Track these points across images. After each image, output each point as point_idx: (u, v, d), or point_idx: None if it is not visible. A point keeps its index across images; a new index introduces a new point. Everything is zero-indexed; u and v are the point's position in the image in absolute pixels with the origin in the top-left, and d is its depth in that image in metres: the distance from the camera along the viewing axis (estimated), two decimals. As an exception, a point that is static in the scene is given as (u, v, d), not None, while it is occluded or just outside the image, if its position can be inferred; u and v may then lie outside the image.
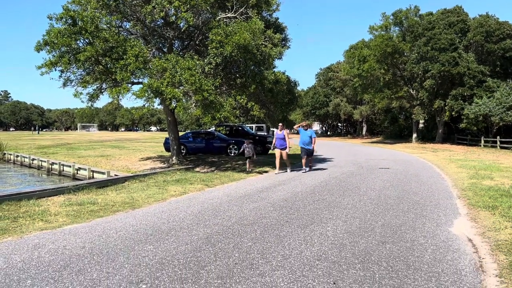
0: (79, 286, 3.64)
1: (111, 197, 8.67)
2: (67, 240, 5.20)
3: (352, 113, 65.63)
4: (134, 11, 13.98)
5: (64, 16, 11.77)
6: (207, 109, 12.58)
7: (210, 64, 13.11)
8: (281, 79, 14.87)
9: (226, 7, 14.35)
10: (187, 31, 14.97)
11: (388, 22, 40.85)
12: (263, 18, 15.22)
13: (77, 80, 13.68)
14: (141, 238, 5.29)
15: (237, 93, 14.07)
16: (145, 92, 12.07)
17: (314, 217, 6.59)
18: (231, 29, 12.66)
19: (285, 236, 5.39)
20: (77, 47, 12.14)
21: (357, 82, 42.31)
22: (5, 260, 4.40)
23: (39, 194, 8.43)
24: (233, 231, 5.63)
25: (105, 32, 12.25)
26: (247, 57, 12.96)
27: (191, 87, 11.99)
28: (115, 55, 12.15)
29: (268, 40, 14.53)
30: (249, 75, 13.73)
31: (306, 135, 13.96)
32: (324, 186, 10.37)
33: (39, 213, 6.95)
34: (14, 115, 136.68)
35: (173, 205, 7.82)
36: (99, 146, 32.44)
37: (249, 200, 8.21)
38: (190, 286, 3.64)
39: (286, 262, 4.31)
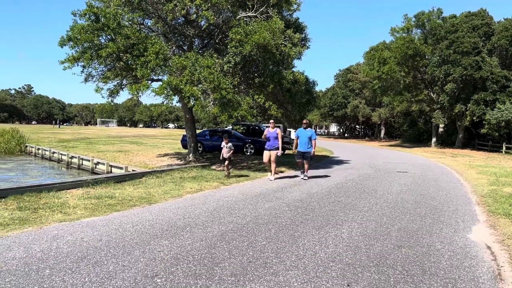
0: (96, 277, 3.70)
1: (128, 192, 8.79)
2: (84, 233, 5.29)
3: (370, 116, 64.98)
4: (156, 9, 14.12)
5: (88, 13, 11.97)
6: (224, 108, 12.62)
7: (229, 62, 13.16)
8: (300, 79, 14.81)
9: (246, 6, 14.37)
10: (207, 29, 15.05)
11: (410, 24, 40.29)
12: (283, 17, 15.19)
13: (98, 75, 13.90)
14: (157, 233, 5.35)
15: (255, 92, 14.08)
16: (164, 89, 12.19)
17: (330, 218, 6.55)
18: (251, 28, 12.68)
19: (300, 236, 5.38)
20: (99, 43, 12.33)
21: (376, 84, 41.86)
22: (25, 249, 4.50)
23: (59, 187, 8.61)
24: (247, 230, 5.65)
25: (127, 29, 12.41)
26: (266, 56, 12.96)
27: (210, 85, 12.05)
28: (136, 52, 12.30)
29: (288, 39, 14.49)
30: (267, 75, 13.72)
31: (305, 136, 11.99)
32: (340, 188, 10.30)
33: (59, 205, 7.10)
34: (37, 109, 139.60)
35: (188, 202, 7.89)
36: (118, 142, 32.91)
37: (264, 200, 8.21)
38: (204, 282, 3.67)
39: (300, 262, 4.30)
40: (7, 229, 5.42)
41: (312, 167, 16.57)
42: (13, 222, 5.79)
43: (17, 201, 7.21)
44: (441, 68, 34.86)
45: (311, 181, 11.52)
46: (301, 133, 12.06)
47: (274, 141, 11.71)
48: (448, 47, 34.37)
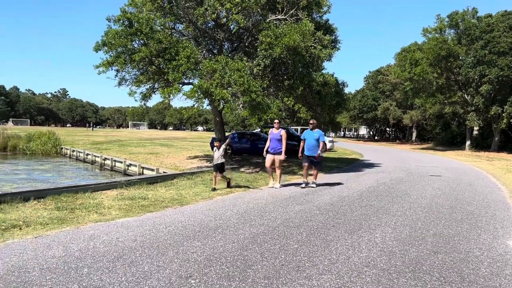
0: (132, 277, 3.78)
1: (160, 193, 8.95)
2: (119, 233, 5.42)
3: (401, 118, 63.62)
4: (187, 13, 14.34)
5: (122, 18, 12.30)
6: (254, 110, 12.67)
7: (258, 65, 13.21)
8: (330, 81, 14.69)
9: (276, 9, 14.39)
10: (237, 33, 15.15)
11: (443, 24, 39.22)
12: (313, 19, 15.11)
13: (131, 79, 14.25)
14: (189, 234, 5.41)
15: (285, 95, 14.07)
16: (195, 92, 12.35)
17: (362, 222, 6.45)
18: (281, 30, 12.68)
19: (332, 240, 5.32)
20: (132, 47, 12.64)
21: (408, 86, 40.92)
22: (64, 248, 4.65)
23: (94, 188, 8.86)
24: (278, 232, 5.63)
25: (159, 34, 12.67)
26: (295, 58, 12.92)
27: (240, 88, 12.13)
28: (168, 56, 12.53)
29: (318, 41, 14.41)
30: (297, 77, 13.67)
31: (312, 138, 10.58)
32: (372, 191, 10.13)
33: (94, 205, 7.31)
34: (71, 112, 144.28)
35: (219, 204, 7.95)
36: (149, 144, 33.55)
37: (294, 202, 8.17)
38: (237, 284, 3.68)
39: (333, 267, 4.25)
40: (47, 228, 5.62)
41: (341, 170, 16.40)
42: (52, 222, 6.00)
43: (55, 201, 7.47)
44: (476, 69, 33.73)
45: (342, 185, 11.39)
46: (307, 135, 10.72)
47: (277, 144, 10.40)
48: (484, 48, 33.23)
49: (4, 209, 6.74)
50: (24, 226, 5.69)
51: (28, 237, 5.14)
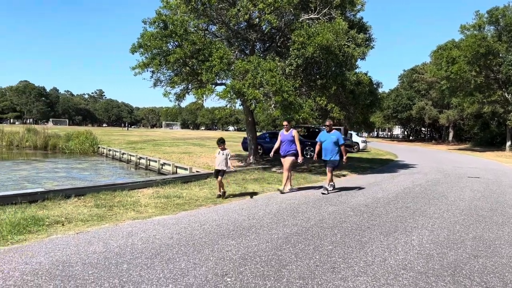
0: (169, 274, 3.87)
1: (194, 192, 9.10)
2: (156, 230, 5.55)
3: (437, 118, 61.79)
4: (220, 14, 14.50)
5: (157, 20, 12.58)
6: (286, 110, 12.65)
7: (291, 65, 13.18)
8: (363, 80, 14.47)
9: (309, 8, 14.31)
10: (269, 33, 15.17)
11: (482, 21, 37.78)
12: (346, 18, 14.94)
13: (166, 80, 14.55)
14: (223, 233, 5.48)
15: (317, 94, 13.97)
16: (228, 93, 12.47)
17: (398, 224, 6.33)
18: (314, 30, 12.60)
19: (367, 242, 5.25)
20: (167, 49, 12.90)
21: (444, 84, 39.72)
22: (104, 244, 4.82)
23: (131, 186, 9.12)
24: (312, 233, 5.61)
25: (193, 35, 12.87)
26: (329, 58, 12.81)
27: (272, 88, 12.14)
28: (201, 57, 12.71)
29: (351, 40, 14.23)
30: (330, 76, 13.55)
31: (330, 141, 9.50)
32: (408, 193, 9.91)
33: (131, 203, 7.51)
34: (107, 112, 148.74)
35: (252, 203, 7.99)
36: (182, 143, 34.11)
37: (328, 203, 8.11)
38: (273, 283, 3.70)
39: (369, 269, 4.20)
40: (87, 225, 5.83)
41: (375, 170, 16.12)
42: (92, 219, 6.22)
43: (94, 199, 7.74)
44: (518, 66, 32.33)
45: (376, 186, 11.20)
46: (324, 137, 9.65)
47: (289, 146, 9.47)
48: (526, 44, 31.81)
49: (47, 205, 7.04)
50: (66, 222, 5.93)
51: (70, 233, 5.36)
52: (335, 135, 9.59)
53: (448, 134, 65.95)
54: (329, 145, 9.52)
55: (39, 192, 7.51)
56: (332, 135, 9.58)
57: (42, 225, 5.63)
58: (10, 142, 36.82)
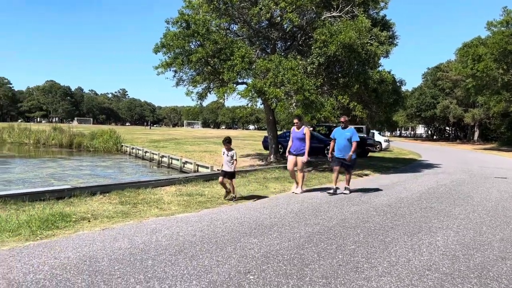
0: (193, 270, 3.92)
1: (216, 190, 9.16)
2: (180, 227, 5.62)
3: (462, 117, 60.40)
4: (241, 13, 14.55)
5: (179, 20, 12.73)
6: (307, 109, 12.61)
7: (312, 63, 13.12)
8: (387, 79, 14.27)
9: (331, 6, 14.21)
10: (291, 31, 15.14)
11: (510, 17, 36.69)
12: (369, 16, 14.76)
13: (188, 79, 14.71)
14: (245, 231, 5.51)
15: (339, 93, 13.86)
16: (249, 91, 12.51)
17: (422, 225, 6.23)
18: (336, 28, 12.51)
19: (391, 242, 5.18)
20: (189, 49, 13.03)
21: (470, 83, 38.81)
22: (129, 241, 4.91)
23: (154, 184, 9.26)
24: (334, 233, 5.58)
25: (215, 35, 12.96)
26: (351, 56, 12.70)
27: (293, 87, 12.12)
28: (223, 56, 12.79)
29: (374, 38, 14.05)
30: (352, 75, 13.42)
31: (343, 138, 9.15)
32: (432, 193, 9.73)
33: (155, 200, 7.63)
34: (130, 111, 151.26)
35: (273, 202, 8.00)
36: (203, 142, 34.40)
37: (350, 203, 8.04)
38: (295, 282, 3.70)
39: (392, 269, 4.15)
40: (112, 221, 5.96)
41: (398, 170, 15.88)
42: (117, 215, 6.34)
43: (119, 196, 7.89)
44: (548, 63, 31.30)
45: (399, 186, 11.04)
46: (338, 134, 9.30)
47: (300, 144, 9.07)
48: (557, 40, 30.75)
49: (74, 202, 7.22)
50: (92, 218, 6.07)
51: (96, 229, 5.48)
52: (349, 131, 9.17)
53: (474, 133, 64.38)
54: (342, 142, 9.15)
55: (66, 189, 7.71)
56: (347, 132, 9.17)
57: (69, 221, 5.78)
58: (37, 140, 37.86)
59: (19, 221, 5.53)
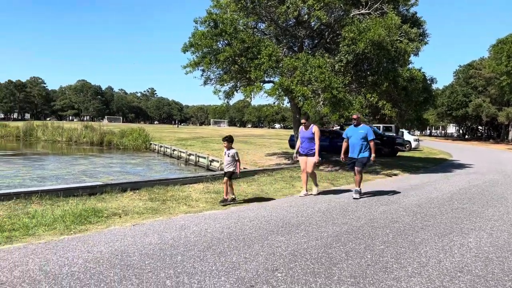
0: (222, 267, 3.97)
1: (243, 188, 9.22)
2: (208, 224, 5.70)
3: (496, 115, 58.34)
4: (269, 12, 14.54)
5: (208, 20, 12.86)
6: (335, 107, 12.50)
7: (340, 61, 12.98)
8: (417, 76, 13.96)
9: (360, 3, 14.02)
10: (318, 29, 15.03)
11: (548, 11, 35.24)
12: (399, 13, 14.47)
13: (215, 78, 14.84)
14: (272, 229, 5.53)
15: (368, 91, 13.66)
16: (276, 90, 12.51)
17: (453, 226, 6.08)
18: (365, 25, 12.33)
19: (421, 243, 5.09)
20: (217, 48, 13.14)
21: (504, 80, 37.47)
22: (158, 236, 5.02)
23: (182, 181, 9.41)
24: (363, 232, 5.52)
25: (242, 33, 13.01)
26: (380, 53, 12.48)
27: (321, 85, 12.03)
28: (250, 55, 12.83)
29: (404, 35, 13.77)
30: (381, 72, 13.19)
31: (357, 136, 8.46)
32: (464, 194, 9.47)
33: (183, 197, 7.76)
34: (158, 110, 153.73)
35: (300, 201, 7.98)
36: (229, 141, 34.57)
37: (378, 203, 7.93)
38: (323, 281, 3.69)
39: (423, 270, 4.07)
40: (142, 217, 6.10)
41: (428, 170, 15.52)
42: (147, 211, 6.49)
43: (149, 193, 8.06)
44: None
45: (429, 186, 10.79)
46: (351, 133, 8.63)
47: (309, 144, 8.52)
48: None
49: (105, 198, 7.43)
50: (123, 214, 6.23)
51: (127, 224, 5.63)
52: (363, 129, 8.49)
53: (508, 132, 62.08)
54: (357, 141, 8.45)
55: (98, 186, 7.94)
56: (360, 130, 8.49)
57: (101, 217, 5.95)
58: (69, 138, 39.10)
59: (54, 216, 5.74)
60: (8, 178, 16.01)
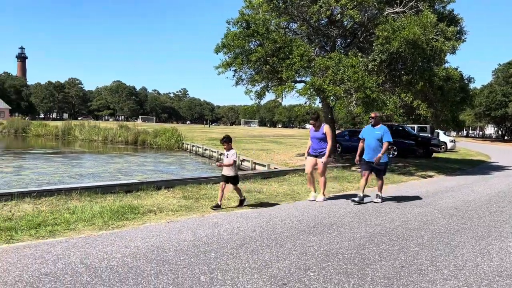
0: (254, 264, 4.02)
1: (274, 188, 9.26)
2: (240, 223, 5.77)
3: (538, 116, 55.76)
4: (301, 12, 14.50)
5: (240, 20, 12.98)
6: (368, 107, 12.32)
7: (374, 60, 12.78)
8: (453, 76, 13.56)
9: (394, 2, 13.77)
10: (351, 28, 14.86)
11: None
12: (435, 11, 14.10)
13: (247, 79, 14.94)
14: (304, 229, 5.53)
15: (402, 91, 13.40)
16: (308, 90, 12.48)
17: (491, 229, 5.89)
18: (399, 24, 12.10)
19: (457, 246, 4.96)
20: (249, 48, 13.24)
21: (548, 79, 35.75)
22: (192, 233, 5.13)
23: (215, 180, 9.53)
24: (397, 234, 5.44)
25: (274, 34, 13.06)
26: (415, 52, 12.21)
27: (354, 85, 11.90)
28: (282, 55, 12.85)
29: (440, 33, 13.40)
30: (416, 72, 12.90)
31: (373, 137, 7.79)
32: (503, 196, 9.14)
33: (215, 196, 7.84)
34: (190, 110, 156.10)
35: (332, 201, 7.94)
36: (260, 141, 34.71)
37: (413, 205, 7.78)
38: (356, 281, 3.67)
39: (459, 273, 3.98)
40: (176, 215, 6.24)
41: (465, 172, 15.05)
42: (180, 209, 6.63)
43: (182, 191, 8.23)
44: None
45: (466, 188, 10.47)
46: (367, 133, 7.95)
47: (320, 144, 7.89)
48: None
49: (140, 195, 7.64)
50: (158, 211, 6.40)
51: (162, 221, 5.78)
52: (380, 130, 7.76)
53: (552, 134, 59.22)
54: (372, 143, 7.76)
55: (134, 183, 8.19)
56: (377, 131, 7.77)
57: (137, 213, 6.14)
58: (105, 137, 40.31)
59: (93, 212, 5.97)
60: (48, 175, 16.72)
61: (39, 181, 15.01)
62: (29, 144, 36.78)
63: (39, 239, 4.72)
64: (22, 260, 3.93)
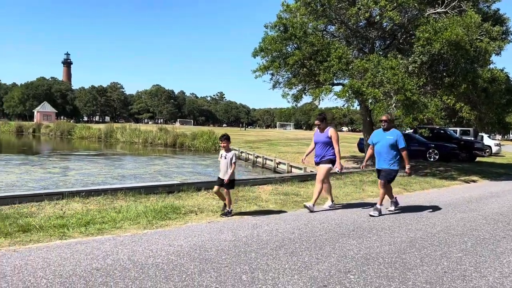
0: (294, 266, 4.08)
1: (311, 191, 9.21)
2: (278, 224, 5.85)
3: None
4: (339, 14, 14.42)
5: (278, 24, 13.08)
6: (408, 110, 12.07)
7: (414, 62, 12.52)
8: (499, 77, 13.06)
9: (435, 2, 13.43)
10: (391, 30, 14.62)
11: None
12: (479, 10, 13.64)
13: (284, 82, 15.00)
14: (343, 232, 5.54)
15: (444, 93, 13.04)
16: (346, 92, 12.38)
17: (541, 237, 5.66)
18: (441, 24, 11.79)
19: (503, 252, 4.82)
20: (286, 51, 13.30)
21: None
22: (233, 234, 5.25)
23: (252, 182, 9.66)
24: (439, 239, 5.34)
25: (312, 37, 13.05)
26: (458, 54, 11.85)
27: (393, 87, 11.70)
28: (320, 57, 12.82)
29: (485, 34, 12.95)
30: (459, 74, 12.52)
31: (385, 143, 6.96)
32: (553, 203, 8.72)
33: (253, 198, 7.99)
34: (227, 113, 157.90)
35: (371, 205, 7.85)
36: (295, 144, 34.65)
37: (456, 210, 7.58)
38: (397, 285, 3.66)
39: (505, 281, 3.88)
40: (216, 215, 6.40)
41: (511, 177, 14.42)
42: (220, 210, 6.77)
43: (221, 193, 8.39)
44: None
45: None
46: (377, 138, 7.16)
47: (324, 149, 7.17)
48: None
49: (182, 196, 7.87)
50: (199, 212, 6.59)
51: (203, 221, 5.95)
52: (392, 134, 6.93)
53: None
54: (383, 149, 6.97)
55: (175, 184, 8.44)
56: (389, 135, 6.95)
57: (179, 213, 6.34)
58: (145, 140, 41.54)
59: (137, 211, 6.22)
60: (93, 176, 17.46)
61: (84, 181, 15.72)
62: (73, 146, 38.49)
63: (89, 236, 4.99)
64: (75, 256, 4.18)
